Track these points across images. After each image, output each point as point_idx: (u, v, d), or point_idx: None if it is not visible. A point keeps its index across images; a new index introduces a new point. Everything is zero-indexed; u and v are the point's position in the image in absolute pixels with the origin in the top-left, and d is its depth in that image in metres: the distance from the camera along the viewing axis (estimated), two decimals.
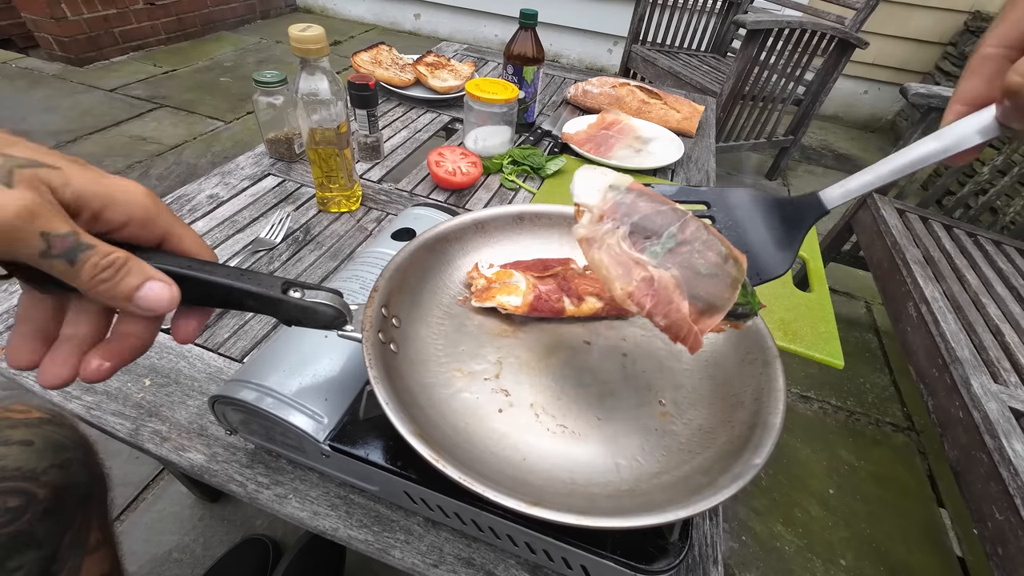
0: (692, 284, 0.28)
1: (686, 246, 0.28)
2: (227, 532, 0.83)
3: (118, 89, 2.02)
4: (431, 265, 0.42)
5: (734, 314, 0.29)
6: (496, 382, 0.37)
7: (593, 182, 0.31)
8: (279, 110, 0.71)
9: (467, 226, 0.44)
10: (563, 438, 0.34)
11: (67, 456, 0.37)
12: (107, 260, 0.20)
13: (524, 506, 0.25)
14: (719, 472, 0.29)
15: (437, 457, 0.26)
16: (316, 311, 0.28)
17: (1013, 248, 1.12)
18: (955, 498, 1.04)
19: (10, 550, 0.32)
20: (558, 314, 0.42)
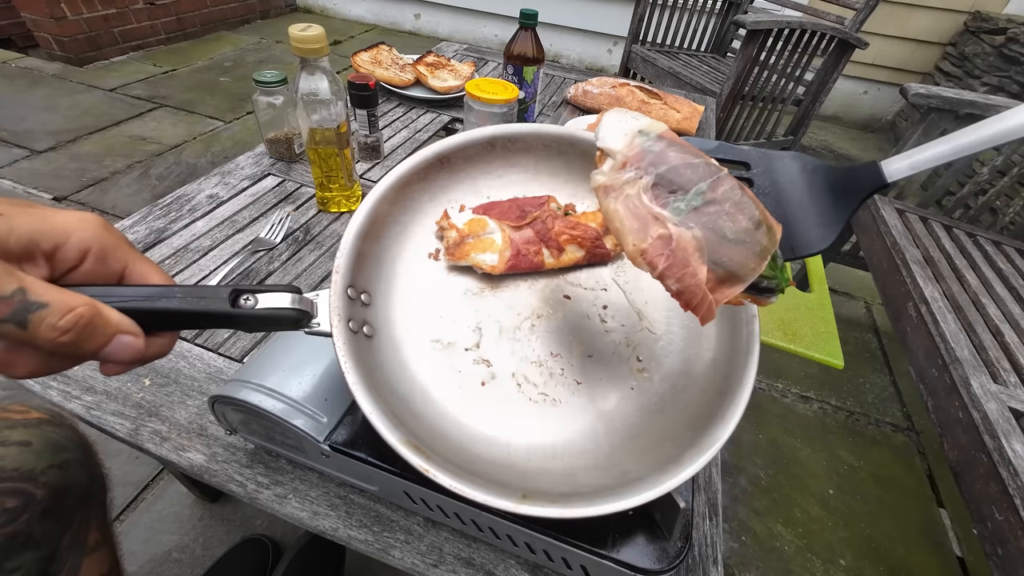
0: (715, 248, 0.25)
1: (714, 206, 0.25)
2: (227, 532, 0.83)
3: (118, 89, 2.02)
4: (395, 219, 0.37)
5: (757, 287, 0.26)
6: (477, 351, 0.36)
7: (621, 125, 0.28)
8: (279, 110, 0.71)
9: (430, 162, 0.38)
10: (545, 407, 0.34)
11: (66, 457, 0.37)
12: (66, 321, 0.18)
13: (512, 504, 0.25)
14: (687, 445, 0.29)
15: (427, 466, 0.26)
16: (274, 318, 0.26)
17: (1013, 248, 1.12)
18: (955, 498, 1.04)
19: (8, 551, 0.32)
20: (537, 268, 0.40)
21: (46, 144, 1.65)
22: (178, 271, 0.56)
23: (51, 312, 0.17)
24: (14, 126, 1.71)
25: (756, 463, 1.06)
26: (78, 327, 0.18)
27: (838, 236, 0.26)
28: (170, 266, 0.57)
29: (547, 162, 0.42)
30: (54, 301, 0.17)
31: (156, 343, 0.22)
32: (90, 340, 0.18)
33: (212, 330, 0.50)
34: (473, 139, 0.39)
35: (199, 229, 0.62)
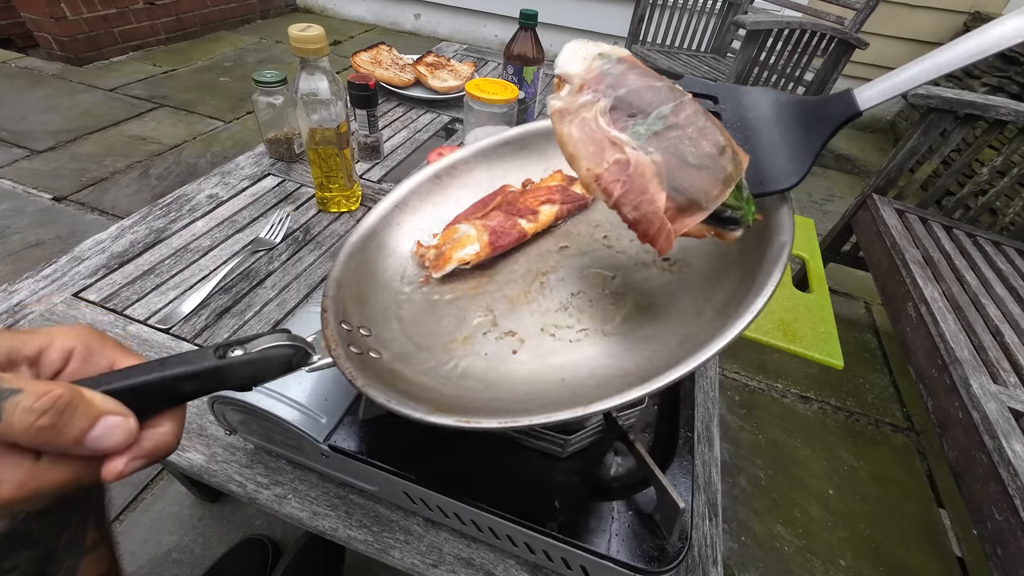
0: (675, 174, 0.23)
1: (676, 130, 0.23)
2: (226, 532, 0.83)
3: (118, 89, 2.02)
4: (371, 264, 0.38)
5: (720, 217, 0.25)
6: (496, 329, 0.34)
7: (581, 50, 0.26)
8: (279, 110, 0.71)
9: (388, 212, 0.40)
10: (586, 344, 0.32)
11: None
12: (43, 403, 0.16)
13: (580, 410, 0.23)
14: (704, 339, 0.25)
15: (467, 419, 0.24)
16: (268, 360, 0.24)
17: (1012, 249, 1.12)
18: (955, 498, 1.04)
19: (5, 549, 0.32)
20: (521, 239, 0.39)
21: (46, 144, 1.65)
22: (178, 271, 0.56)
23: (25, 395, 0.16)
24: (14, 126, 1.71)
25: (756, 463, 1.06)
26: (56, 407, 0.17)
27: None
28: (170, 266, 0.57)
29: (492, 170, 0.45)
30: (28, 386, 0.16)
31: (155, 434, 0.21)
32: (72, 424, 0.17)
33: (211, 330, 0.50)
34: (417, 182, 0.42)
35: (199, 229, 0.62)
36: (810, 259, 0.69)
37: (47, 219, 1.37)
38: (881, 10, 1.75)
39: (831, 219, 1.85)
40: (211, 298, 0.53)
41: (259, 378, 0.24)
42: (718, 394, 0.51)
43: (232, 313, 0.52)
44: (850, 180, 2.20)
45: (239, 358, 0.23)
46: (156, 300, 0.52)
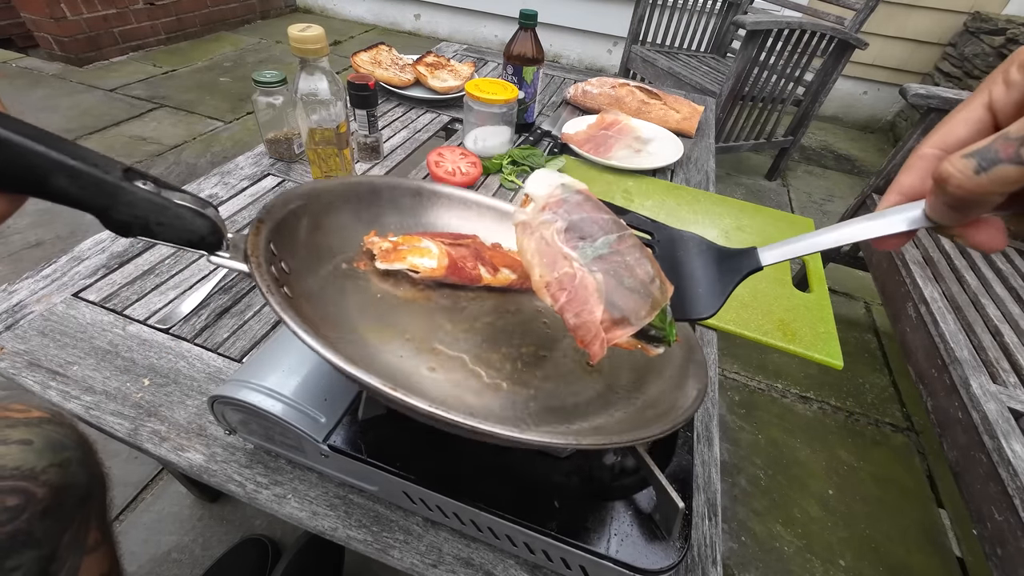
0: (612, 293, 0.27)
1: (617, 256, 0.28)
2: (226, 532, 0.83)
3: (118, 89, 2.02)
4: (321, 219, 0.36)
5: (646, 335, 0.29)
6: (420, 342, 0.33)
7: (547, 178, 0.31)
8: (279, 110, 0.71)
9: (361, 188, 0.40)
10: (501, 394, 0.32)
11: (66, 455, 0.37)
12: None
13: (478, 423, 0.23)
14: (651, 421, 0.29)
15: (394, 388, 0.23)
16: (177, 214, 0.20)
17: (1012, 249, 1.12)
18: (954, 499, 1.04)
19: (8, 550, 0.32)
20: (475, 282, 0.39)
21: None
22: (177, 271, 0.56)
23: None
24: None
25: (756, 463, 1.06)
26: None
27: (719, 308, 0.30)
28: (170, 266, 0.57)
29: (467, 219, 0.46)
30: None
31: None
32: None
33: (211, 330, 0.50)
34: (400, 184, 0.43)
35: None
36: (810, 259, 0.69)
37: (47, 219, 1.37)
38: (881, 10, 1.76)
39: (831, 219, 1.85)
40: (211, 298, 0.53)
41: (152, 229, 0.20)
42: (718, 394, 0.51)
43: (232, 313, 0.52)
44: (850, 180, 2.20)
45: (144, 191, 0.19)
46: (156, 300, 0.52)
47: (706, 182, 0.87)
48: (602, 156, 0.84)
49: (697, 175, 0.89)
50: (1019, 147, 0.18)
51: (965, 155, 0.19)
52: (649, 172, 0.85)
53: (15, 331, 0.47)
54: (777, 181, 2.10)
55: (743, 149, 1.83)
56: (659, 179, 0.85)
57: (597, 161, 0.84)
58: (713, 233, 0.72)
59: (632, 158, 0.86)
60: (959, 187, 0.19)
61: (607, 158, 0.84)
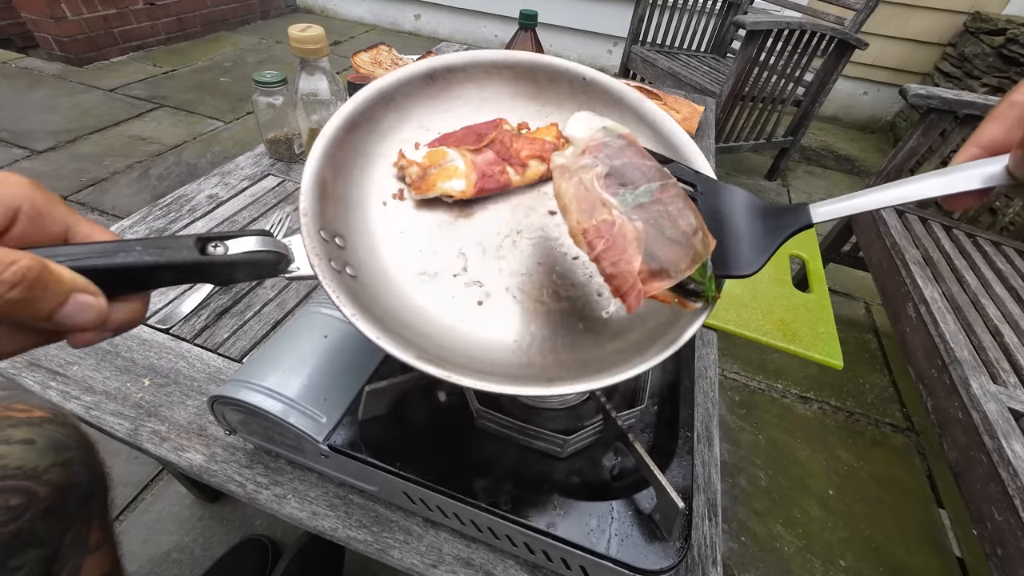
0: (652, 243, 0.26)
1: (659, 206, 0.27)
2: (226, 532, 0.83)
3: (118, 89, 2.02)
4: (351, 161, 0.36)
5: (685, 288, 0.28)
6: (465, 275, 0.34)
7: (588, 121, 0.30)
8: (279, 110, 0.71)
9: (374, 101, 0.38)
10: (541, 316, 0.33)
11: (69, 455, 0.37)
12: (11, 274, 0.15)
13: (541, 387, 0.25)
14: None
15: (446, 373, 0.25)
16: (250, 262, 0.24)
17: (1012, 249, 1.12)
18: (954, 499, 1.04)
19: (11, 549, 0.32)
20: (505, 187, 0.39)
21: (46, 144, 1.65)
22: None
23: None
24: (14, 126, 1.71)
25: (756, 463, 1.06)
26: (26, 281, 0.15)
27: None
28: None
29: (489, 88, 0.42)
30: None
31: (123, 309, 0.20)
32: (43, 300, 0.16)
33: (211, 330, 0.50)
34: (412, 73, 0.39)
35: (199, 229, 0.62)
36: (810, 259, 0.69)
37: None
38: (881, 10, 1.76)
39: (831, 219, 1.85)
40: (211, 298, 0.53)
41: (235, 277, 0.24)
42: (718, 394, 0.51)
43: (232, 313, 0.52)
44: (850, 180, 2.20)
45: (219, 256, 0.22)
46: (156, 300, 0.52)
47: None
48: None
49: None
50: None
51: None
52: None
53: None
54: (777, 181, 2.10)
55: (743, 149, 1.83)
56: None
57: None
58: None
59: None
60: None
61: None
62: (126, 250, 0.20)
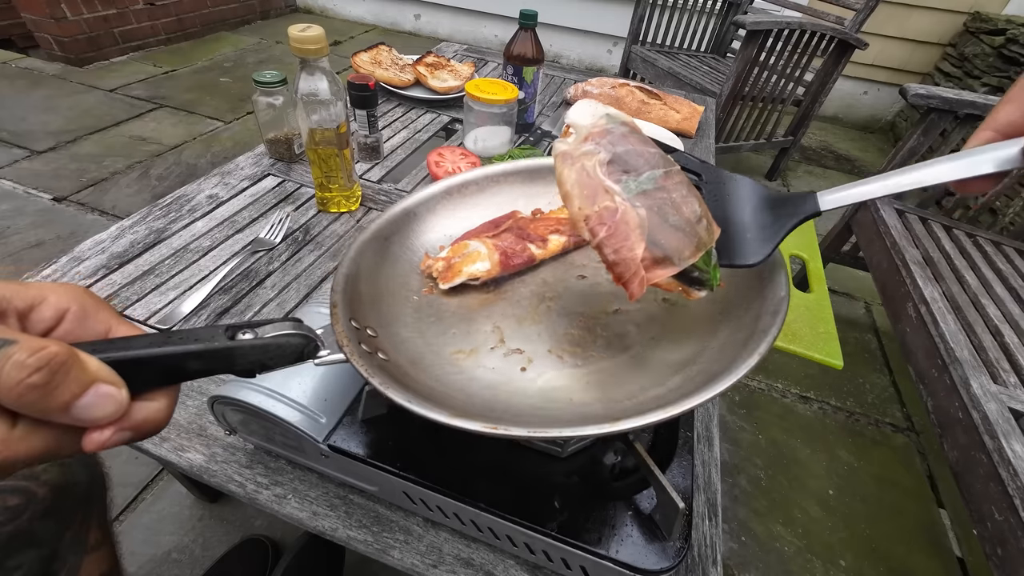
0: (656, 230, 0.26)
1: (663, 193, 0.26)
2: (226, 532, 0.83)
3: (118, 89, 2.02)
4: (379, 266, 0.38)
5: (688, 276, 0.27)
6: (503, 346, 0.34)
7: (591, 108, 0.29)
8: (279, 110, 0.71)
9: (397, 218, 0.41)
10: (587, 369, 0.32)
11: None
12: (37, 359, 0.15)
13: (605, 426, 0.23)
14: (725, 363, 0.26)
15: (495, 425, 0.24)
16: (280, 346, 0.23)
17: (1012, 249, 1.12)
18: (955, 499, 1.04)
19: (10, 549, 0.32)
20: (530, 263, 0.40)
21: (46, 144, 1.65)
22: (178, 271, 0.56)
23: (20, 348, 0.15)
24: (14, 126, 1.71)
25: (756, 463, 1.06)
26: (51, 366, 0.15)
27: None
28: (170, 266, 0.57)
29: (501, 194, 0.45)
30: (23, 339, 0.15)
31: (146, 408, 0.19)
32: (64, 387, 0.16)
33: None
34: (432, 193, 0.43)
35: (199, 229, 0.62)
36: (810, 259, 0.69)
37: (47, 219, 1.37)
38: (881, 10, 1.75)
39: (831, 219, 1.85)
40: (211, 298, 0.53)
41: (267, 365, 0.24)
42: None
43: (232, 313, 0.52)
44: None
45: (249, 341, 0.22)
46: (156, 300, 0.52)
47: None
48: None
49: None
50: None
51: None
52: None
53: None
54: (777, 181, 2.10)
55: (743, 149, 1.83)
56: None
57: None
58: None
59: None
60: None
61: None
62: (154, 341, 0.20)
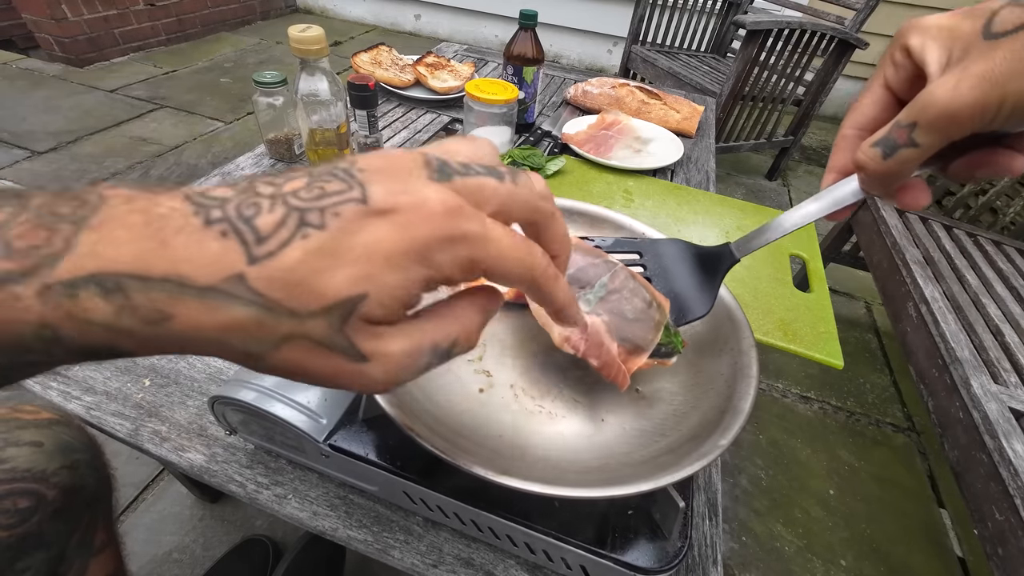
0: (620, 328, 0.31)
1: (615, 294, 0.32)
2: (227, 532, 0.83)
3: (119, 90, 2.02)
4: None
5: (658, 353, 0.32)
6: (479, 364, 0.37)
7: None
8: (279, 111, 0.71)
9: None
10: (540, 417, 0.35)
11: (76, 457, 0.37)
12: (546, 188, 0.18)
13: (492, 475, 0.26)
14: (685, 453, 0.29)
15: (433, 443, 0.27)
16: None
17: (1013, 248, 1.12)
18: (955, 499, 1.04)
19: (19, 551, 0.32)
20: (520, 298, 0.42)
21: (47, 145, 1.65)
22: None
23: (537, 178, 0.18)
24: (15, 127, 1.71)
25: (756, 463, 1.06)
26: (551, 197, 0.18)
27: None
28: None
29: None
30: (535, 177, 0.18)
31: None
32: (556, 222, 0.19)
33: None
34: None
35: None
36: (810, 259, 0.69)
37: None
38: (881, 10, 1.75)
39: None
40: None
41: None
42: None
43: None
44: None
45: None
46: None
47: (706, 182, 0.87)
48: (602, 156, 0.84)
49: (697, 175, 0.89)
50: (909, 133, 0.20)
51: (872, 144, 0.22)
52: (649, 172, 0.85)
53: None
54: (777, 181, 2.10)
55: (743, 149, 1.83)
56: (659, 179, 0.85)
57: (597, 161, 0.84)
58: (714, 233, 0.72)
59: (632, 158, 0.86)
60: (875, 171, 0.22)
61: (607, 158, 0.84)
62: None
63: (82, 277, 0.12)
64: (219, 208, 0.13)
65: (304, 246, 0.13)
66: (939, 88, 0.20)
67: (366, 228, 0.14)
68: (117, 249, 0.12)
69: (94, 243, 0.12)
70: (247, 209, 0.13)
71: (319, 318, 0.13)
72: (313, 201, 0.14)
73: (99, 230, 0.13)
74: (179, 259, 0.13)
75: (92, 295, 0.12)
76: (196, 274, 0.13)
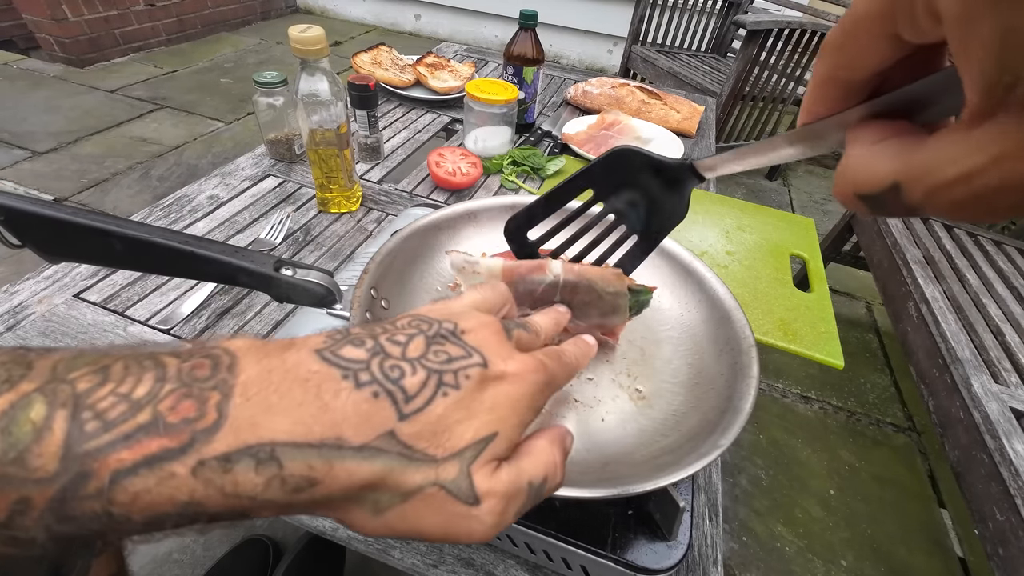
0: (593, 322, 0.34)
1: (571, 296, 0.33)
2: (227, 533, 0.83)
3: (119, 90, 2.02)
4: (421, 252, 0.42)
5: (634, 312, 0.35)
6: None
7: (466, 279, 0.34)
8: (279, 111, 0.71)
9: (459, 215, 0.45)
10: (539, 418, 0.34)
11: None
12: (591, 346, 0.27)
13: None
14: (685, 453, 0.29)
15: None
16: (306, 289, 0.30)
17: (1014, 248, 1.12)
18: (956, 498, 1.04)
19: None
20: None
21: (47, 145, 1.66)
22: None
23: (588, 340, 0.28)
24: (15, 127, 1.71)
25: (757, 463, 1.06)
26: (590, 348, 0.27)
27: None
28: None
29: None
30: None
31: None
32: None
33: (212, 331, 0.50)
34: (495, 204, 0.47)
35: (200, 230, 0.62)
36: (810, 259, 0.69)
37: None
38: None
39: (832, 219, 1.85)
40: (211, 299, 0.53)
41: (292, 299, 0.31)
42: None
43: (233, 314, 0.52)
44: None
45: (286, 277, 0.29)
46: (157, 301, 0.52)
47: (706, 182, 0.87)
48: None
49: None
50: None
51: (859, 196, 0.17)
52: None
53: (16, 332, 0.47)
54: (778, 181, 2.10)
55: None
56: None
57: None
58: (714, 232, 0.72)
59: None
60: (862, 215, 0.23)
61: None
62: (225, 251, 0.28)
63: (238, 450, 0.12)
64: (365, 371, 0.15)
65: (445, 403, 0.16)
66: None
67: (490, 387, 0.17)
68: (273, 418, 0.13)
69: (251, 413, 0.13)
70: (392, 372, 0.15)
71: (454, 459, 0.15)
72: (444, 364, 0.17)
73: (248, 396, 0.13)
74: (338, 421, 0.14)
75: (246, 468, 0.12)
76: (353, 434, 0.14)
